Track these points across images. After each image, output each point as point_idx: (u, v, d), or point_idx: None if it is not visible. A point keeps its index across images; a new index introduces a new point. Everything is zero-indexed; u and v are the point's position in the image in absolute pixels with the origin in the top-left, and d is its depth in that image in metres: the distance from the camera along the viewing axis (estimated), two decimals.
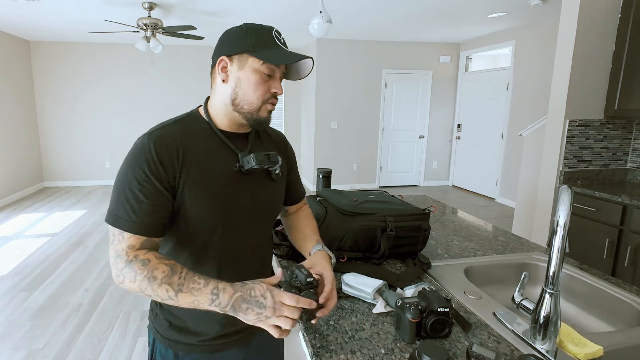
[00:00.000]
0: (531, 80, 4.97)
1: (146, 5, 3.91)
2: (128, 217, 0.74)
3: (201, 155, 0.81)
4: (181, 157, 0.78)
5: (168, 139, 0.79)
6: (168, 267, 0.72)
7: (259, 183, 0.88)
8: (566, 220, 0.75)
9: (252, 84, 0.80)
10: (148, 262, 0.72)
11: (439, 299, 0.82)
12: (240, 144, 0.87)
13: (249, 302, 0.69)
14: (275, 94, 0.82)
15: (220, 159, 0.83)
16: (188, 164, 0.78)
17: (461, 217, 1.75)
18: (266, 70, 0.80)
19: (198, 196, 0.79)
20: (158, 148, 0.76)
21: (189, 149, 0.79)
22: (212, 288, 0.70)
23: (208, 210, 0.80)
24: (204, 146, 0.82)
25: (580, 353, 0.76)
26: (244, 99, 0.81)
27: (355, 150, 6.32)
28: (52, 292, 2.84)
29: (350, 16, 4.48)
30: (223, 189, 0.82)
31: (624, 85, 2.44)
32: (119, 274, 0.73)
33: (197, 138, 0.82)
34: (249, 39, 0.80)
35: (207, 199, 0.80)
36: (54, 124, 6.23)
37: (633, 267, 2.18)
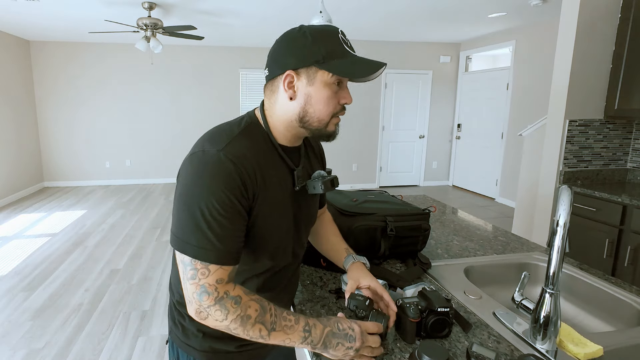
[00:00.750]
0: (531, 80, 4.97)
1: (146, 5, 3.91)
2: (212, 247, 0.66)
3: (270, 173, 0.75)
4: (258, 177, 0.72)
5: (246, 158, 0.70)
6: (258, 304, 0.69)
7: (306, 199, 0.86)
8: (566, 220, 0.75)
9: (325, 99, 0.73)
10: (240, 300, 0.67)
11: (439, 299, 0.82)
12: (294, 158, 0.82)
13: (339, 336, 0.70)
14: (345, 104, 0.77)
15: (280, 177, 0.78)
16: (263, 184, 0.73)
17: (461, 217, 1.75)
18: (336, 82, 0.73)
19: (269, 216, 0.75)
20: (240, 168, 0.68)
21: (262, 168, 0.73)
22: (304, 325, 0.69)
23: (278, 229, 0.78)
24: (269, 163, 0.76)
25: (580, 353, 0.76)
26: (314, 115, 0.74)
27: (355, 150, 6.32)
28: (52, 292, 2.84)
29: (350, 16, 4.48)
30: (288, 207, 0.80)
31: (624, 85, 2.44)
32: (204, 311, 0.67)
33: (263, 153, 0.75)
34: (316, 47, 0.71)
35: (276, 218, 0.77)
36: (54, 123, 6.23)
37: (633, 267, 2.18)
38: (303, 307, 0.95)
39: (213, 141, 0.71)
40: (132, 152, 6.52)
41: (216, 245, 0.66)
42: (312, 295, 1.01)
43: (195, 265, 0.66)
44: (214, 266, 0.66)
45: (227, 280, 0.68)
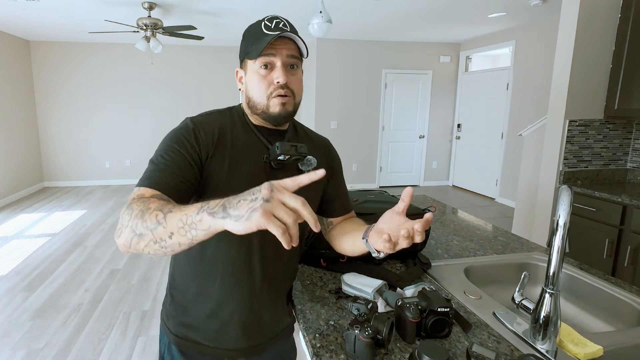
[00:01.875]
0: (531, 80, 4.97)
1: (146, 5, 3.91)
2: (151, 177, 0.73)
3: (235, 143, 0.82)
4: (216, 140, 0.80)
5: (208, 123, 0.82)
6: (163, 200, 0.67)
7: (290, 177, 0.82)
8: (566, 220, 0.75)
9: (255, 84, 0.82)
10: (146, 200, 0.66)
11: (439, 299, 0.82)
12: (273, 138, 0.86)
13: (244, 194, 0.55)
14: (279, 84, 0.80)
15: (252, 150, 0.83)
16: (222, 147, 0.80)
17: (461, 217, 1.75)
18: (263, 66, 0.80)
19: (223, 180, 0.79)
20: (197, 128, 0.80)
21: (225, 135, 0.82)
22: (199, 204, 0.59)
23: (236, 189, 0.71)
24: (239, 136, 0.84)
25: (580, 353, 0.76)
26: (254, 100, 0.83)
27: (355, 150, 6.32)
28: (52, 292, 2.84)
29: (350, 16, 4.48)
30: (249, 179, 0.77)
31: (624, 85, 2.44)
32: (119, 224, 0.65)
33: (235, 127, 0.85)
34: (243, 43, 0.84)
35: (231, 185, 0.76)
36: (54, 123, 6.23)
37: (633, 267, 2.18)
38: (303, 307, 0.95)
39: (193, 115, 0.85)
40: (132, 152, 6.52)
41: (148, 175, 0.74)
42: (312, 295, 1.01)
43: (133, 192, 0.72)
44: (141, 188, 0.71)
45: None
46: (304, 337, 0.84)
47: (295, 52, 0.81)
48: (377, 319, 0.76)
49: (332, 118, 6.12)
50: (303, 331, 0.85)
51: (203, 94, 6.54)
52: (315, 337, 0.82)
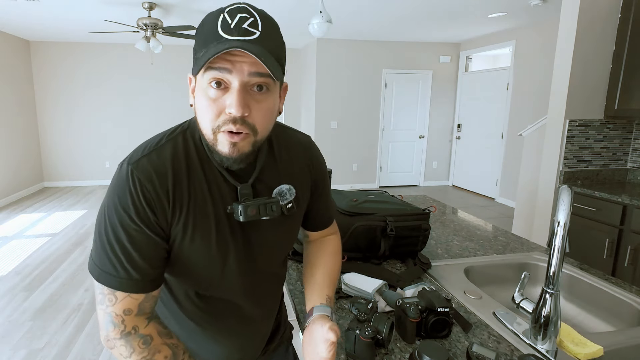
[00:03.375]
0: (531, 80, 4.97)
1: (146, 5, 3.91)
2: (117, 273, 0.59)
3: (195, 193, 0.63)
4: (176, 195, 0.61)
5: (159, 174, 0.60)
6: (171, 350, 0.62)
7: (266, 224, 0.69)
8: (566, 220, 0.75)
9: (202, 108, 0.59)
10: (150, 341, 0.60)
11: (439, 299, 0.82)
12: (244, 169, 0.65)
13: None
14: (231, 116, 0.56)
15: (216, 197, 0.64)
16: (180, 203, 0.61)
17: (461, 217, 1.75)
18: (213, 83, 0.57)
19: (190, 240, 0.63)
20: (147, 188, 0.59)
21: (181, 184, 0.62)
22: None
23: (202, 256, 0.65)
24: (198, 180, 0.63)
25: (580, 353, 0.76)
26: (201, 128, 0.61)
27: (355, 150, 6.32)
28: (52, 292, 2.84)
29: (350, 16, 4.48)
30: (220, 234, 0.65)
31: (624, 85, 2.44)
32: (111, 340, 0.60)
33: (191, 167, 0.63)
34: (195, 43, 0.60)
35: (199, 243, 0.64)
36: (54, 123, 6.23)
37: (633, 267, 2.18)
38: (303, 307, 0.95)
39: (136, 151, 0.63)
40: None
41: (119, 272, 0.58)
42: None
43: (102, 290, 0.60)
44: (120, 293, 0.59)
45: (136, 312, 0.61)
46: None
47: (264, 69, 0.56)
48: (377, 319, 0.76)
49: (332, 118, 6.12)
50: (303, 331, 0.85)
51: None
52: None
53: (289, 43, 6.26)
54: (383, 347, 0.77)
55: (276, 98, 0.62)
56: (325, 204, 0.84)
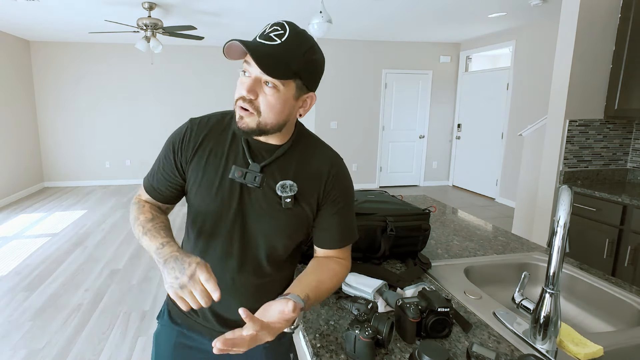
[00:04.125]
0: (531, 80, 4.97)
1: (146, 5, 3.91)
2: (147, 178, 0.89)
3: (219, 150, 0.81)
4: (205, 142, 0.82)
5: (203, 124, 0.84)
6: (150, 214, 0.84)
7: (262, 202, 0.80)
8: (566, 220, 0.75)
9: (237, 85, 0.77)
10: (143, 207, 0.86)
11: (439, 299, 0.82)
12: (259, 153, 0.81)
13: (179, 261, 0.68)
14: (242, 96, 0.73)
15: (232, 160, 0.80)
16: (207, 150, 0.82)
17: (461, 217, 1.75)
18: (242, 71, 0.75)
19: (196, 188, 0.82)
20: (191, 128, 0.83)
21: (218, 139, 0.82)
22: (163, 241, 0.76)
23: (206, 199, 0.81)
24: (227, 144, 0.82)
25: (580, 353, 0.76)
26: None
27: (355, 150, 6.32)
28: (52, 292, 2.84)
29: (350, 16, 4.48)
30: (219, 192, 0.80)
31: (624, 85, 2.44)
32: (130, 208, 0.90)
33: (224, 133, 0.83)
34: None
35: (203, 196, 0.81)
36: (54, 124, 6.23)
37: (633, 267, 2.18)
38: None
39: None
40: (132, 152, 6.52)
41: (149, 178, 0.88)
42: None
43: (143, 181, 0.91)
44: (142, 189, 0.90)
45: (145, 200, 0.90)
46: (304, 337, 0.84)
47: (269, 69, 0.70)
48: (377, 319, 0.76)
49: (332, 118, 6.12)
50: (303, 331, 0.85)
51: (203, 94, 6.54)
52: (315, 337, 0.82)
53: None
54: (383, 347, 0.77)
55: (286, 98, 0.74)
56: (337, 225, 0.86)
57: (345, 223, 0.87)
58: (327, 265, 0.86)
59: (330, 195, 0.83)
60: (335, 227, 0.86)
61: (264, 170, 0.79)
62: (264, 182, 0.78)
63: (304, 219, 0.83)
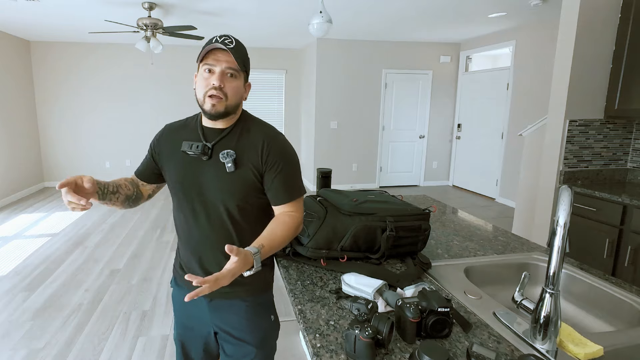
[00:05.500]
0: (531, 80, 4.97)
1: (146, 6, 3.91)
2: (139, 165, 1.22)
3: (180, 140, 1.08)
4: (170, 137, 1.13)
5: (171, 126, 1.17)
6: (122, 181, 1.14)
7: (212, 171, 1.03)
8: (566, 220, 0.75)
9: (198, 83, 1.03)
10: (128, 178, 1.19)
11: (439, 299, 0.82)
12: (210, 135, 1.06)
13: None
14: (213, 86, 0.99)
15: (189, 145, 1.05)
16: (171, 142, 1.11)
17: (461, 217, 1.75)
18: (205, 69, 1.00)
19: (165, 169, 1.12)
20: (163, 131, 1.17)
21: (179, 134, 1.11)
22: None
23: (169, 178, 1.11)
24: (187, 135, 1.09)
25: (580, 353, 0.76)
26: (197, 97, 1.04)
27: (355, 150, 6.32)
28: (52, 292, 2.84)
29: (350, 16, 4.48)
30: (178, 165, 1.07)
31: (624, 85, 2.44)
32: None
33: (187, 127, 1.12)
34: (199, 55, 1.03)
35: (171, 173, 1.10)
36: (54, 124, 6.23)
37: (633, 267, 2.18)
38: (303, 307, 0.95)
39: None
40: (132, 152, 6.52)
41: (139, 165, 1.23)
42: (312, 295, 1.01)
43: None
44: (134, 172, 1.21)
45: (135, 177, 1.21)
46: (304, 337, 0.84)
47: (234, 64, 0.99)
48: (377, 319, 0.76)
49: (332, 118, 6.12)
50: (303, 331, 0.85)
51: None
52: (315, 337, 0.82)
53: (289, 43, 6.27)
54: (383, 347, 0.77)
55: (240, 84, 1.04)
56: (281, 183, 1.04)
57: (288, 181, 1.05)
58: (279, 218, 1.04)
59: (268, 161, 1.03)
60: (279, 185, 1.04)
61: (214, 147, 1.04)
62: (206, 149, 1.03)
63: (249, 181, 1.03)
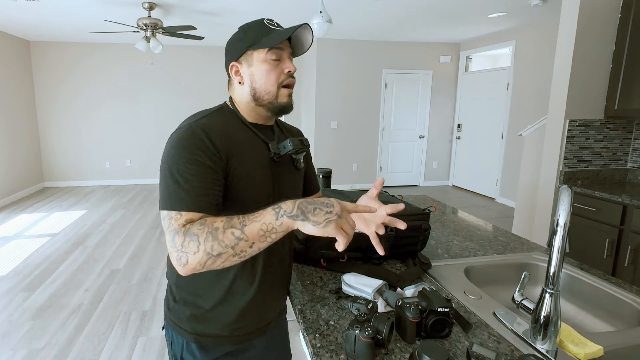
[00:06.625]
0: (531, 80, 4.97)
1: (146, 5, 3.91)
2: (182, 196, 0.72)
3: (239, 144, 0.83)
4: (228, 142, 0.81)
5: (214, 125, 0.81)
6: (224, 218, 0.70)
7: (286, 172, 0.92)
8: (566, 220, 0.75)
9: (265, 73, 0.84)
10: (205, 222, 0.70)
11: (439, 299, 0.82)
12: (267, 134, 0.91)
13: (315, 204, 0.67)
14: (290, 73, 0.85)
15: (253, 147, 0.86)
16: (235, 148, 0.82)
17: (461, 217, 1.75)
18: (273, 56, 0.84)
19: (243, 182, 0.82)
20: (207, 131, 0.78)
21: (233, 136, 0.83)
22: (273, 207, 0.69)
23: (254, 191, 0.84)
24: (239, 136, 0.85)
25: (580, 353, 0.76)
26: (262, 90, 0.85)
27: (355, 150, 6.32)
28: (52, 292, 2.84)
29: (350, 16, 4.48)
30: (261, 177, 0.86)
31: (624, 85, 2.44)
32: (180, 252, 0.68)
33: (233, 127, 0.86)
34: (246, 36, 0.85)
35: (251, 186, 0.83)
36: (54, 124, 6.23)
37: (633, 267, 2.18)
38: (303, 307, 0.95)
39: (189, 118, 0.83)
40: (132, 152, 6.52)
41: (185, 196, 0.72)
42: (312, 295, 1.01)
43: (170, 214, 0.72)
44: (183, 212, 0.72)
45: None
46: (304, 337, 0.84)
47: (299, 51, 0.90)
48: (377, 319, 0.76)
49: (332, 118, 6.12)
50: (303, 331, 0.85)
51: (203, 94, 6.54)
52: (315, 337, 0.82)
53: None
54: (383, 347, 0.77)
55: None
56: (314, 175, 1.08)
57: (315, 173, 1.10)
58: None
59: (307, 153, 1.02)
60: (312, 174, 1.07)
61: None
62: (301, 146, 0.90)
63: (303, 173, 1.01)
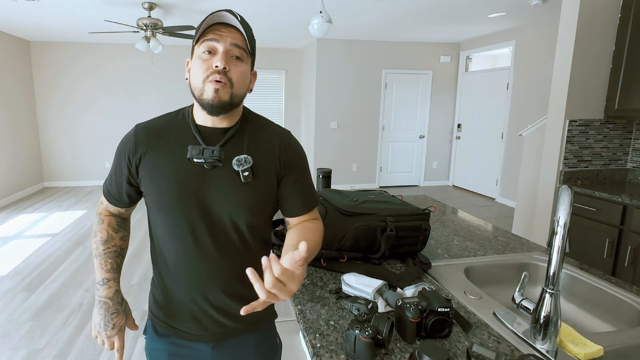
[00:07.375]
0: (531, 80, 4.97)
1: (146, 6, 3.91)
2: (104, 184, 0.94)
3: (170, 144, 0.83)
4: (153, 141, 0.84)
5: (149, 126, 0.87)
6: (106, 235, 0.92)
7: (222, 181, 0.81)
8: (566, 220, 0.75)
9: (197, 67, 0.80)
10: (101, 223, 0.93)
11: (439, 299, 0.82)
12: (211, 137, 0.83)
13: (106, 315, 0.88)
14: (217, 68, 0.77)
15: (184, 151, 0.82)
16: (157, 147, 0.84)
17: (461, 217, 1.75)
18: (205, 49, 0.79)
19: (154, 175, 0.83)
20: (137, 134, 0.86)
21: (165, 135, 0.85)
22: (105, 277, 0.89)
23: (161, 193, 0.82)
24: (176, 138, 0.84)
25: (580, 353, 0.76)
26: (193, 85, 0.81)
27: (355, 150, 6.32)
28: (52, 292, 2.84)
29: (350, 16, 4.48)
30: (173, 177, 0.81)
31: (624, 85, 2.44)
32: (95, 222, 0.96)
33: (174, 131, 0.85)
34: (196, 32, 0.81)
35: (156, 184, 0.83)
36: (54, 124, 6.23)
37: (633, 267, 2.18)
38: (303, 307, 0.95)
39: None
40: None
41: (105, 186, 0.93)
42: (312, 295, 1.01)
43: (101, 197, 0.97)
44: (103, 198, 0.95)
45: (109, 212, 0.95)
46: (304, 337, 0.84)
47: (241, 42, 0.79)
48: (377, 319, 0.76)
49: (332, 118, 6.12)
50: (303, 331, 0.85)
51: None
52: (315, 337, 0.82)
53: (289, 43, 6.27)
54: (383, 347, 0.77)
55: (247, 71, 0.82)
56: (300, 191, 0.90)
57: (307, 189, 0.91)
58: (305, 226, 0.88)
59: (287, 166, 0.87)
60: (299, 194, 0.89)
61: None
62: (222, 155, 0.80)
63: (265, 193, 0.85)
